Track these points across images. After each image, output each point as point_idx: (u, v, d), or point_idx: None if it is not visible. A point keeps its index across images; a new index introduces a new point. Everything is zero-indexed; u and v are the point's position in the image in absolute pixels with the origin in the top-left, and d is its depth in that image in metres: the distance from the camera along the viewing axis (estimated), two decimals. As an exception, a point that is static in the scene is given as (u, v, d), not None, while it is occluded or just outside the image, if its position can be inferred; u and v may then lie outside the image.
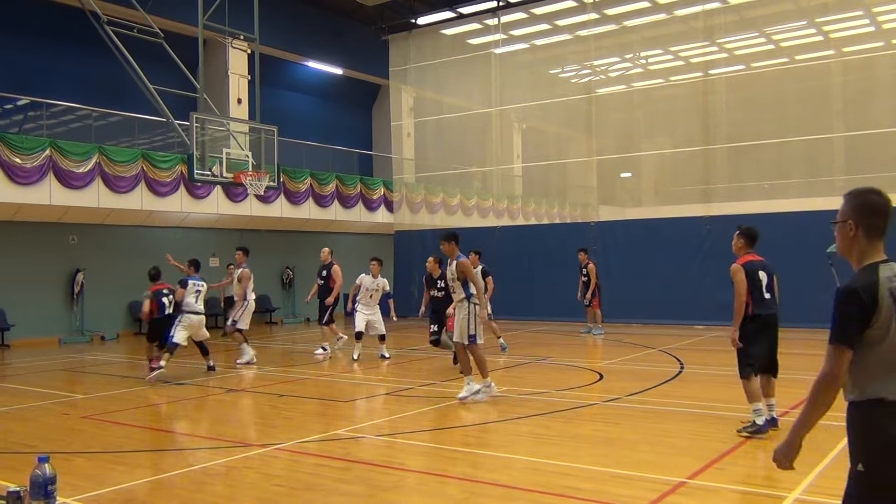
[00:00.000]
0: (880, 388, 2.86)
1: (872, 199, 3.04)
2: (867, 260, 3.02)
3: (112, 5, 16.80)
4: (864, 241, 3.03)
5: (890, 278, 2.93)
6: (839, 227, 3.12)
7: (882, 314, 2.86)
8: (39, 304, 18.02)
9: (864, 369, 2.88)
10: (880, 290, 2.88)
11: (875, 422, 2.85)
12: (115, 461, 6.98)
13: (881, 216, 3.02)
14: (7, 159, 15.60)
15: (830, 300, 3.07)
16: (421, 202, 25.28)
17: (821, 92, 20.26)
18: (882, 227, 3.03)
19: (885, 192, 3.08)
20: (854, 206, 3.06)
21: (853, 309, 2.88)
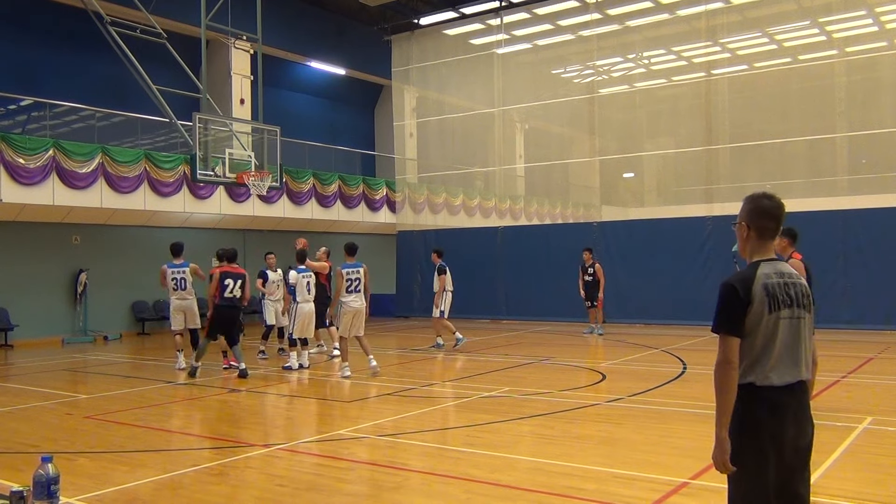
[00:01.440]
0: (750, 375, 3.17)
1: (764, 204, 3.34)
2: (755, 258, 3.33)
3: (115, 6, 16.83)
4: (756, 241, 3.35)
5: (767, 275, 3.23)
6: (737, 228, 3.41)
7: (754, 307, 3.15)
8: (42, 304, 18.05)
9: (740, 359, 3.17)
10: (755, 285, 3.18)
11: (744, 405, 3.15)
12: (118, 461, 6.99)
13: (771, 219, 3.33)
14: (10, 159, 15.63)
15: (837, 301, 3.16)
16: (423, 202, 25.28)
17: (824, 92, 20.22)
18: (772, 230, 3.35)
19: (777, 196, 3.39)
20: (748, 209, 3.36)
21: (731, 301, 3.17)
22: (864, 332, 16.37)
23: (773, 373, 3.16)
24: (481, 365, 13.08)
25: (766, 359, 3.17)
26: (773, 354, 3.17)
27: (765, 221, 3.33)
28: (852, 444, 6.92)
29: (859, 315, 17.02)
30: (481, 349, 15.41)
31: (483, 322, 21.53)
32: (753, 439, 3.13)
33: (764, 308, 3.16)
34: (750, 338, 3.16)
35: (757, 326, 3.16)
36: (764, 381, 3.16)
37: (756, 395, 3.16)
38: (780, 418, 3.15)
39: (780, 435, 3.14)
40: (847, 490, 5.55)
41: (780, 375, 3.17)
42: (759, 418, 3.14)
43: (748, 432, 3.14)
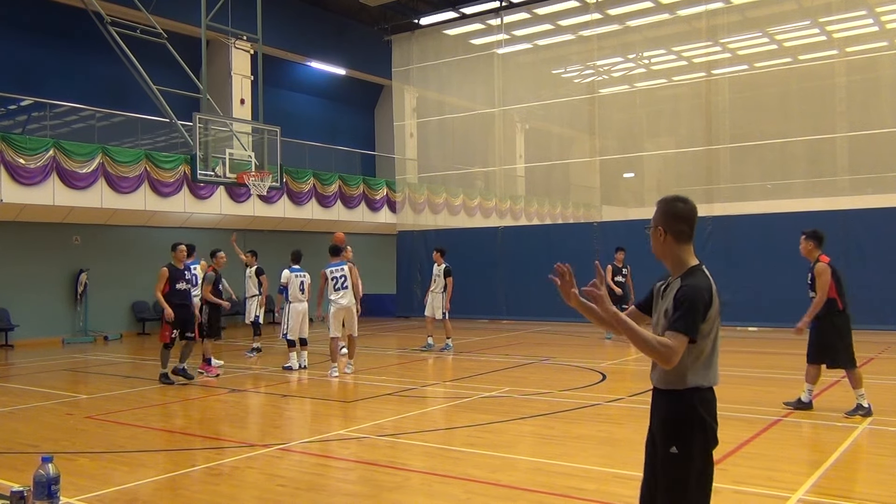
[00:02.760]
0: (698, 378, 3.20)
1: (679, 207, 3.34)
2: (689, 262, 3.33)
3: (115, 6, 16.84)
4: (675, 245, 3.35)
5: (711, 280, 3.29)
6: (652, 232, 3.39)
7: (712, 312, 3.20)
8: (43, 304, 18.06)
9: (689, 363, 3.17)
10: (713, 291, 3.23)
11: (692, 407, 3.19)
12: (119, 461, 6.99)
13: (687, 222, 3.34)
14: (11, 160, 15.63)
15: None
16: (424, 202, 25.28)
17: (824, 92, 20.21)
18: (688, 233, 3.36)
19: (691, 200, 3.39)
20: (662, 213, 3.36)
21: (702, 305, 3.16)
22: (864, 332, 16.32)
23: (714, 375, 3.27)
24: (481, 365, 13.08)
25: (712, 361, 3.26)
26: (716, 356, 3.27)
27: (681, 225, 3.35)
28: (853, 444, 6.92)
29: (859, 315, 16.94)
30: (481, 349, 15.41)
31: (483, 322, 21.53)
32: (700, 438, 3.20)
33: (717, 313, 3.24)
34: (703, 341, 3.19)
35: (711, 331, 3.22)
36: (711, 382, 3.25)
37: (705, 397, 3.23)
38: (714, 416, 3.26)
39: (714, 430, 3.25)
40: (848, 490, 5.55)
41: (717, 377, 3.28)
42: (707, 420, 3.21)
43: (697, 431, 3.20)
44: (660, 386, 3.32)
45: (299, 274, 12.82)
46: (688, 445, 3.18)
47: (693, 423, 3.20)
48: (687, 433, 3.20)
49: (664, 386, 3.29)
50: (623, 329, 3.16)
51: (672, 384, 3.24)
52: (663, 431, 3.27)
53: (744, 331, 17.84)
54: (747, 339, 16.54)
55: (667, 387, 3.27)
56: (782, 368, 12.04)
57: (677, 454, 3.19)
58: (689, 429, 3.20)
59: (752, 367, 12.25)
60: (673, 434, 3.22)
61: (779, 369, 11.94)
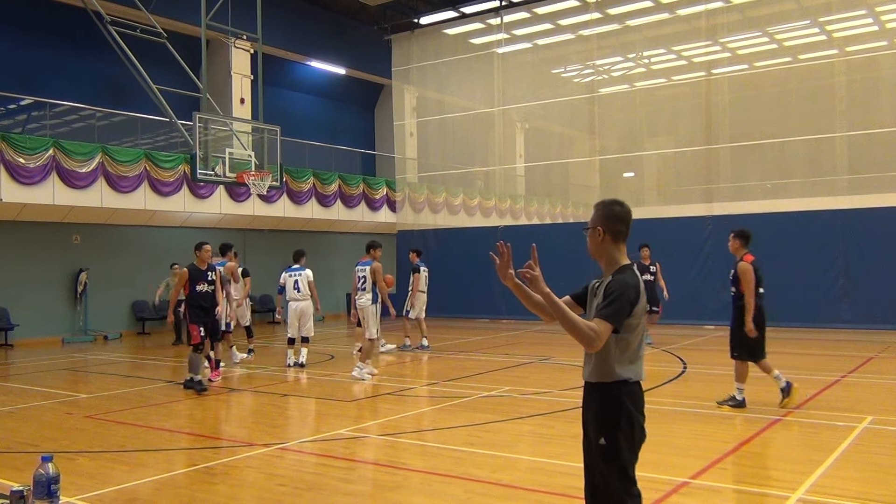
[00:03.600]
0: (625, 371, 3.40)
1: (616, 210, 3.56)
2: (622, 261, 3.53)
3: (115, 5, 16.84)
4: (611, 245, 3.54)
5: (640, 279, 3.47)
6: (590, 233, 3.59)
7: (639, 308, 3.40)
8: (43, 303, 18.05)
9: (617, 356, 3.39)
10: (641, 288, 3.42)
11: (619, 400, 3.39)
12: (119, 460, 6.99)
13: (623, 223, 3.55)
14: (11, 159, 15.63)
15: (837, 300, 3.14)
16: (423, 202, 25.28)
17: (824, 91, 20.22)
18: (625, 233, 3.56)
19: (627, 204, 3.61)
20: (601, 215, 3.57)
21: (631, 298, 3.36)
22: (864, 332, 16.37)
23: (640, 369, 3.48)
24: (481, 364, 13.08)
25: (639, 355, 3.46)
26: (642, 352, 3.49)
27: (618, 226, 3.54)
28: (853, 444, 6.92)
29: (859, 314, 17.04)
30: (481, 349, 15.42)
31: (483, 321, 21.53)
32: (630, 433, 3.40)
33: (643, 310, 3.43)
34: (631, 335, 3.39)
35: (637, 326, 3.42)
36: (636, 376, 3.44)
37: (631, 391, 3.43)
38: (641, 408, 3.47)
39: (641, 423, 3.46)
40: (847, 490, 5.55)
41: (642, 371, 3.49)
42: (633, 413, 3.41)
43: (625, 422, 3.39)
44: (591, 380, 3.50)
45: (293, 273, 12.92)
46: (615, 437, 3.38)
47: (621, 416, 3.38)
48: (615, 425, 3.38)
49: (594, 380, 3.47)
50: (553, 309, 3.27)
51: (602, 377, 3.43)
52: (595, 424, 3.46)
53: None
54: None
55: (597, 380, 3.45)
56: (782, 367, 12.01)
57: (605, 445, 3.39)
58: (616, 421, 3.38)
59: (752, 366, 12.21)
60: (602, 426, 3.42)
61: (778, 368, 11.89)
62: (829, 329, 16.86)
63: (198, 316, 10.63)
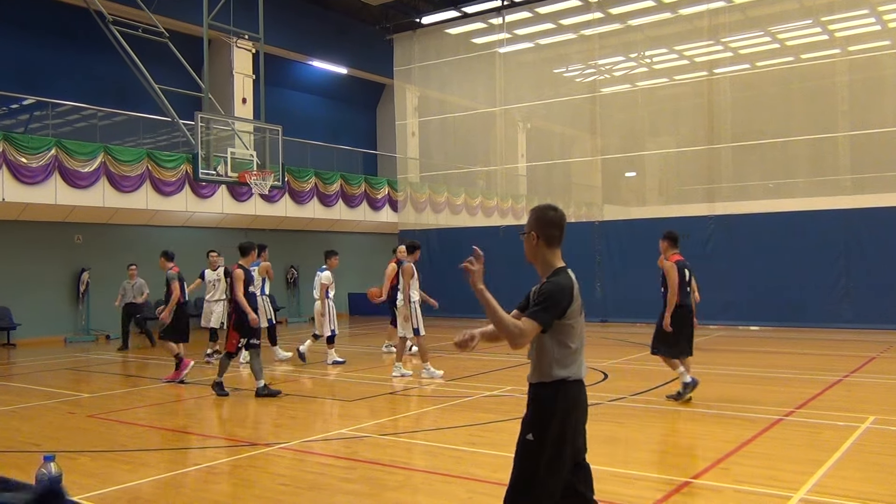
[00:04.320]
0: (563, 371, 3.50)
1: (550, 215, 3.68)
2: (556, 264, 3.63)
3: (117, 5, 16.85)
4: (545, 249, 3.66)
5: (575, 281, 3.59)
6: (525, 237, 3.72)
7: (573, 309, 3.51)
8: (45, 303, 18.07)
9: (555, 357, 3.49)
10: (574, 290, 3.54)
11: (553, 398, 3.48)
12: (121, 460, 7.00)
13: (557, 228, 3.66)
14: (13, 159, 15.65)
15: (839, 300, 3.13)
16: (425, 201, 25.28)
17: (826, 91, 20.19)
18: (558, 238, 3.67)
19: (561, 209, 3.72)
20: (536, 220, 3.68)
21: (561, 300, 3.47)
22: (866, 332, 16.35)
23: (580, 369, 3.57)
24: (484, 364, 13.08)
25: (577, 356, 3.55)
26: (580, 352, 3.58)
27: (552, 230, 3.65)
28: (855, 444, 6.91)
29: (861, 314, 17.02)
30: (483, 348, 15.40)
31: (485, 321, 21.49)
32: (558, 429, 3.46)
33: (578, 311, 3.56)
34: (568, 336, 3.51)
35: (574, 328, 3.53)
36: (574, 376, 3.54)
37: (568, 390, 3.51)
38: (580, 408, 3.56)
39: (578, 422, 3.55)
40: (849, 489, 5.54)
41: (581, 371, 3.58)
42: (568, 410, 3.49)
43: (559, 423, 3.46)
44: (531, 380, 3.59)
45: (317, 273, 13.64)
46: (543, 434, 3.45)
47: (553, 414, 3.46)
48: (545, 422, 3.47)
49: (535, 380, 3.57)
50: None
51: (541, 377, 3.53)
52: (528, 420, 3.54)
53: (745, 330, 17.83)
54: (749, 338, 16.52)
55: (537, 380, 3.56)
56: (784, 367, 12.04)
57: (532, 441, 3.47)
58: (548, 418, 3.47)
59: (754, 366, 12.24)
60: (533, 422, 3.51)
61: (780, 368, 11.93)
62: (831, 329, 16.84)
63: (243, 322, 10.18)
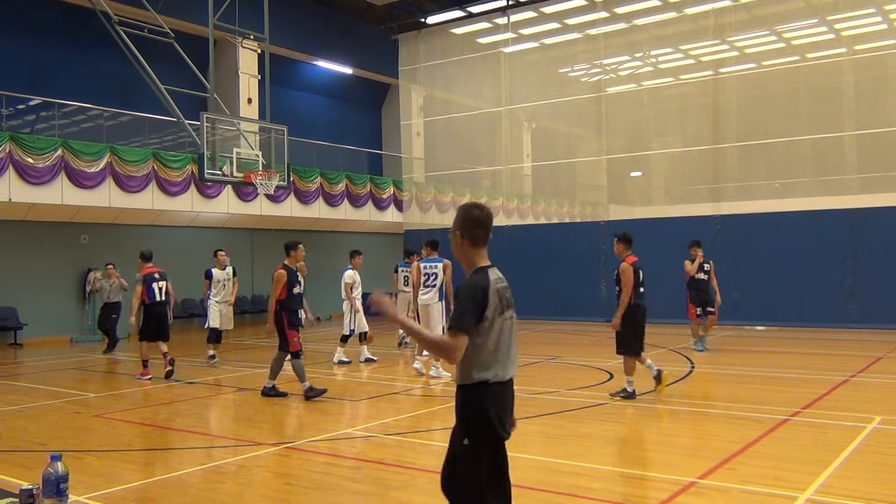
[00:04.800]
0: (484, 373, 3.46)
1: (475, 214, 3.64)
2: (478, 264, 3.60)
3: (123, 5, 16.87)
4: (470, 248, 3.62)
5: (496, 280, 3.54)
6: (452, 237, 3.69)
7: (490, 310, 3.44)
8: (51, 303, 18.11)
9: (472, 359, 3.44)
10: (490, 290, 3.47)
11: (479, 400, 3.44)
12: (127, 459, 7.02)
13: (482, 228, 3.62)
14: (19, 159, 15.69)
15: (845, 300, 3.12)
16: (430, 201, 25.28)
17: (832, 90, 20.14)
18: (483, 237, 3.63)
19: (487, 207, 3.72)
20: (460, 219, 3.65)
21: (472, 303, 3.42)
22: (872, 332, 16.30)
23: (502, 369, 3.51)
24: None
25: (497, 357, 3.49)
26: (501, 352, 3.51)
27: (476, 230, 3.62)
28: (861, 444, 6.89)
29: (868, 314, 16.96)
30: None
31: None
32: (489, 431, 3.44)
33: (496, 311, 3.48)
34: (484, 338, 3.44)
35: (491, 328, 3.46)
36: (495, 377, 3.47)
37: (489, 391, 3.46)
38: (504, 409, 3.51)
39: (504, 422, 3.51)
40: (856, 490, 5.53)
41: (506, 371, 3.53)
42: (491, 411, 3.44)
43: (485, 424, 3.44)
44: (457, 382, 3.56)
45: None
46: (478, 439, 3.44)
47: (480, 418, 3.43)
48: (476, 427, 3.45)
49: (459, 382, 3.53)
50: (410, 332, 3.46)
51: (462, 380, 3.49)
52: (458, 425, 3.52)
53: (751, 330, 17.78)
54: (755, 338, 16.48)
55: (460, 382, 3.52)
56: (790, 367, 12.01)
57: (469, 446, 3.44)
58: (477, 423, 3.44)
59: (760, 366, 12.21)
60: (465, 428, 3.48)
61: (786, 368, 11.90)
62: (838, 329, 16.79)
63: (294, 322, 10.03)
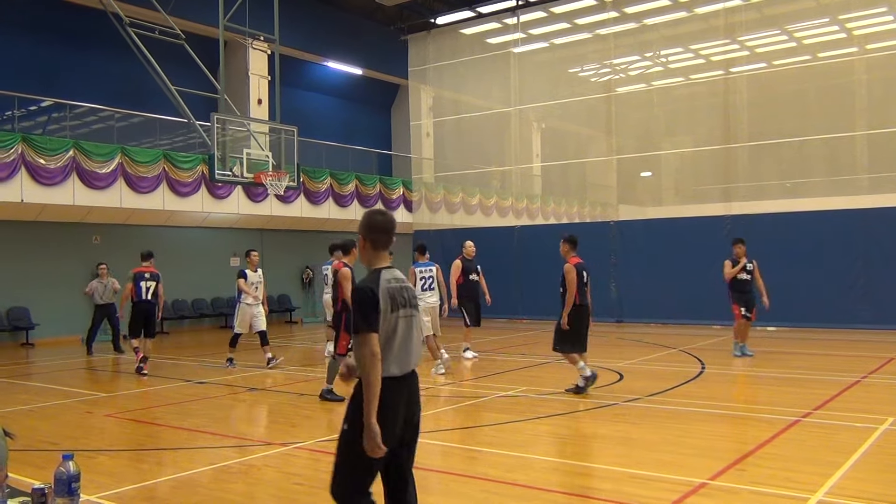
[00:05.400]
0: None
1: (377, 219, 3.92)
2: (375, 265, 3.85)
3: (134, 7, 16.95)
4: (371, 252, 3.88)
5: (388, 280, 3.75)
6: (357, 241, 3.95)
7: (382, 306, 3.66)
8: (63, 303, 18.21)
9: (362, 353, 3.61)
10: (380, 289, 3.69)
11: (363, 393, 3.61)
12: (138, 459, 7.05)
13: (383, 232, 3.87)
14: (31, 160, 15.79)
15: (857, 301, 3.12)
16: (440, 202, 25.29)
17: (843, 89, 20.03)
18: (384, 241, 3.88)
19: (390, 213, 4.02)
20: (364, 224, 3.91)
21: (367, 303, 3.65)
22: (884, 332, 16.20)
23: (393, 365, 3.70)
24: (498, 364, 13.07)
25: (388, 353, 3.67)
26: (393, 348, 3.70)
27: (377, 234, 3.87)
28: (873, 446, 6.85)
29: (879, 315, 16.85)
30: (498, 349, 15.40)
31: (500, 321, 21.49)
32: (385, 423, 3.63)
33: (388, 309, 3.68)
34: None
35: (381, 325, 3.66)
36: (386, 372, 3.65)
37: (385, 387, 3.64)
38: (395, 402, 3.71)
39: (394, 416, 3.71)
40: (867, 491, 5.50)
41: (399, 367, 3.73)
42: (385, 408, 3.63)
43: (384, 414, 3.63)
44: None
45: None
46: (355, 426, 3.64)
47: (362, 408, 3.61)
48: (357, 416, 3.63)
49: (358, 376, 3.74)
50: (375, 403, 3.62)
51: (361, 374, 3.68)
52: (346, 413, 3.75)
53: (762, 330, 17.69)
54: (766, 338, 16.40)
55: (359, 376, 3.72)
56: (801, 368, 11.95)
57: (346, 431, 3.70)
58: (359, 412, 3.62)
59: (771, 367, 12.15)
60: (348, 415, 3.72)
61: (797, 369, 11.84)
62: (849, 329, 16.70)
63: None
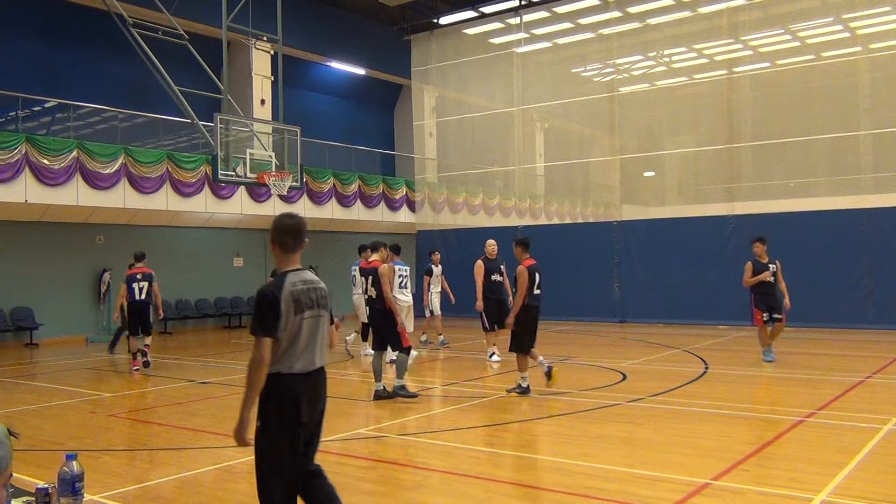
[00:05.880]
0: (277, 365, 3.82)
1: (286, 223, 4.05)
2: (282, 268, 3.99)
3: (137, 8, 16.98)
4: (280, 253, 4.02)
5: (294, 283, 3.91)
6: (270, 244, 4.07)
7: (282, 309, 3.80)
8: (67, 303, 18.25)
9: (272, 354, 3.80)
10: (283, 292, 3.83)
11: (270, 391, 3.81)
12: (142, 459, 7.06)
13: (290, 235, 4.02)
14: (35, 160, 15.82)
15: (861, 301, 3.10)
16: (443, 202, 25.29)
17: (847, 89, 19.97)
18: (291, 244, 4.02)
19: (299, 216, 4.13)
20: (273, 227, 4.04)
21: (267, 307, 3.80)
22: (889, 332, 16.16)
23: (297, 363, 3.86)
24: (501, 364, 13.06)
25: (292, 352, 3.84)
26: (298, 348, 3.86)
27: (285, 238, 4.01)
28: (877, 446, 6.84)
29: (884, 315, 16.82)
30: (501, 349, 15.38)
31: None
32: (278, 416, 3.82)
33: (290, 311, 3.82)
34: (279, 335, 3.80)
35: (285, 326, 3.80)
36: (289, 370, 3.83)
37: (282, 382, 3.82)
38: (298, 398, 3.85)
39: (298, 411, 3.84)
40: (871, 492, 5.48)
41: (303, 365, 3.89)
42: (283, 399, 3.82)
43: (275, 411, 3.82)
44: None
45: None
46: (265, 422, 3.83)
47: (269, 404, 3.82)
48: (264, 412, 3.83)
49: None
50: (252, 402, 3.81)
51: (246, 372, 3.81)
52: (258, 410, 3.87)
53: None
54: (769, 338, 16.38)
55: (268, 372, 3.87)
56: (805, 368, 11.93)
57: (259, 427, 3.84)
58: (266, 408, 3.83)
59: (775, 366, 12.12)
60: (259, 412, 3.85)
61: (801, 369, 11.82)
62: (853, 329, 16.66)
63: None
